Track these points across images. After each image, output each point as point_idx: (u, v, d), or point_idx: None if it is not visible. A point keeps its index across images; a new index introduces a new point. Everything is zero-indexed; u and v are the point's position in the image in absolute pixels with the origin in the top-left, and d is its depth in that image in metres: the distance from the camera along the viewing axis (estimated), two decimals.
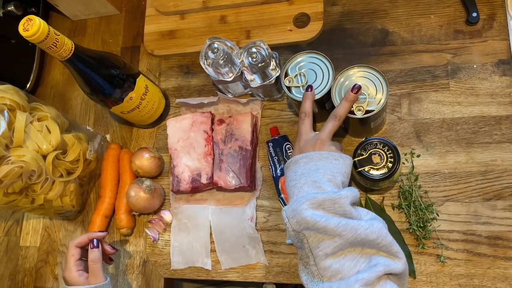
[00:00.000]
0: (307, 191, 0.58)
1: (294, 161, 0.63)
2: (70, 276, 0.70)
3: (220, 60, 0.76)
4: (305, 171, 0.61)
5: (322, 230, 0.55)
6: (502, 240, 0.70)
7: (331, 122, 0.66)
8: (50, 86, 1.04)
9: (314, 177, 0.59)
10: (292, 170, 0.62)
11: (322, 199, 0.56)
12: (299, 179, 0.60)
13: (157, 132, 0.93)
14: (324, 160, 0.61)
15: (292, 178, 0.62)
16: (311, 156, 0.62)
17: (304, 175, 0.60)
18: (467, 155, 0.75)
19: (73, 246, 0.73)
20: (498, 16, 0.79)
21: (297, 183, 0.60)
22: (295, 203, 0.57)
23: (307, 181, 0.59)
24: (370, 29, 0.86)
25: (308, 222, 0.55)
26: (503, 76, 0.77)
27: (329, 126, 0.65)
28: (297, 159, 0.62)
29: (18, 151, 0.73)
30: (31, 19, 0.62)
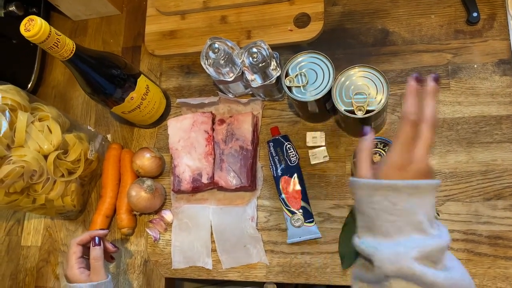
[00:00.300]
0: (410, 234, 0.48)
1: (394, 188, 0.48)
2: (72, 274, 0.71)
3: (220, 60, 0.76)
4: (408, 206, 0.48)
5: (424, 284, 0.46)
6: (503, 240, 0.70)
7: (429, 132, 0.50)
8: (51, 86, 1.04)
9: (418, 217, 0.48)
10: (388, 199, 0.48)
11: (431, 249, 0.47)
12: (400, 215, 0.48)
13: (158, 132, 0.93)
14: (429, 193, 0.49)
15: (386, 210, 0.48)
16: (418, 187, 0.48)
17: (407, 212, 0.48)
18: (467, 154, 0.75)
19: (74, 244, 0.73)
20: (498, 16, 0.80)
21: (398, 221, 0.48)
22: (402, 248, 0.47)
23: (411, 222, 0.48)
24: (370, 29, 0.86)
25: (414, 274, 0.46)
26: (503, 76, 0.77)
27: (427, 142, 0.50)
28: (399, 186, 0.48)
29: (20, 151, 0.73)
30: (33, 19, 0.62)
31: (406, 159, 0.49)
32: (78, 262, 0.72)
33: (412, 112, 0.50)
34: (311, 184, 0.81)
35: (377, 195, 0.49)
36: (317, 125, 0.84)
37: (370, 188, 0.50)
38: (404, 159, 0.49)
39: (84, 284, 0.69)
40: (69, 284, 0.71)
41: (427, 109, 0.50)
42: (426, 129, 0.49)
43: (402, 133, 0.50)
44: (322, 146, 0.82)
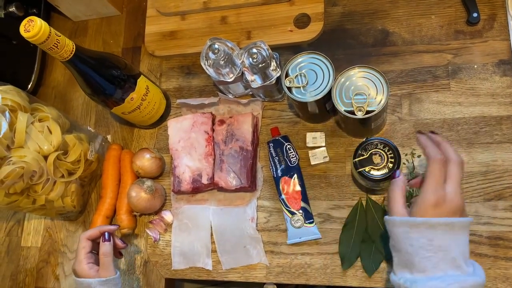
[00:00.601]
0: (445, 269, 0.50)
1: (429, 225, 0.50)
2: (81, 269, 0.70)
3: (220, 61, 0.76)
4: (444, 243, 0.50)
5: None
6: (503, 241, 0.70)
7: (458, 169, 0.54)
8: (51, 87, 1.04)
9: (453, 254, 0.50)
10: (423, 236, 0.51)
11: (469, 285, 0.48)
12: (436, 251, 0.50)
13: (158, 132, 0.93)
14: (463, 231, 0.51)
15: (424, 247, 0.50)
16: (453, 225, 0.51)
17: (443, 249, 0.50)
18: (468, 155, 0.75)
19: (84, 238, 0.72)
20: (498, 17, 0.79)
21: (434, 257, 0.50)
22: (439, 283, 0.49)
23: (446, 258, 0.50)
24: (370, 30, 0.86)
25: None
26: (503, 76, 0.77)
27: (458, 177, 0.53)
28: (433, 223, 0.50)
29: (19, 151, 0.73)
30: (32, 20, 0.62)
31: (440, 197, 0.52)
32: (87, 257, 0.71)
33: (438, 152, 0.54)
34: (311, 184, 0.81)
35: (414, 232, 0.51)
36: (317, 126, 0.83)
37: (407, 225, 0.52)
38: (438, 197, 0.52)
39: (92, 280, 0.69)
40: (78, 279, 0.71)
41: (449, 150, 0.55)
42: (455, 168, 0.53)
43: (432, 173, 0.53)
44: (322, 147, 0.82)
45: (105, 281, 0.69)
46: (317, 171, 0.81)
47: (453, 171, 0.53)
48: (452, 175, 0.53)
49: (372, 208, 0.75)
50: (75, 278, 0.71)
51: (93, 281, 0.69)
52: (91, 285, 0.69)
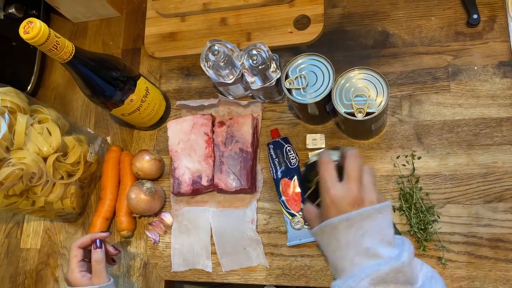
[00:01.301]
0: (361, 263, 0.49)
1: (331, 226, 0.51)
2: (73, 277, 0.70)
3: (220, 62, 0.76)
4: (351, 237, 0.50)
5: None
6: (504, 243, 0.70)
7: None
8: (51, 89, 1.04)
9: (364, 243, 0.49)
10: (332, 238, 0.51)
11: (384, 273, 0.47)
12: (347, 249, 0.50)
13: (157, 134, 0.93)
14: (370, 219, 0.50)
15: (335, 248, 0.51)
16: (352, 218, 0.50)
17: (352, 244, 0.50)
18: (468, 157, 0.75)
19: (75, 247, 0.72)
20: (498, 18, 0.79)
21: (346, 254, 0.50)
22: (352, 280, 0.48)
23: (358, 251, 0.49)
24: (370, 31, 0.85)
25: None
26: (504, 78, 0.77)
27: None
28: (334, 223, 0.51)
29: (19, 153, 0.73)
30: (32, 21, 0.62)
31: (334, 196, 0.52)
32: (79, 266, 0.71)
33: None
34: None
35: (324, 237, 0.52)
36: (317, 127, 0.83)
37: (319, 233, 0.53)
38: (327, 199, 0.52)
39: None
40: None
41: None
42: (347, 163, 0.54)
43: (322, 178, 0.54)
44: (322, 148, 0.81)
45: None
46: None
47: (346, 167, 0.54)
48: (346, 171, 0.53)
49: None
50: (68, 287, 0.71)
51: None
52: None
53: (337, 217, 0.51)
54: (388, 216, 0.52)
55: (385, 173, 0.78)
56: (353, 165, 0.53)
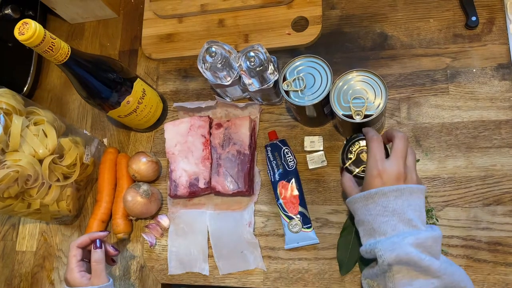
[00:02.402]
0: (404, 229, 0.56)
1: (382, 193, 0.57)
2: (72, 277, 0.69)
3: (218, 64, 0.76)
4: (397, 207, 0.56)
5: (421, 269, 0.54)
6: (502, 246, 0.70)
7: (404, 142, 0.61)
8: (47, 90, 1.04)
9: (408, 214, 0.56)
10: (379, 204, 0.57)
11: (425, 238, 0.54)
12: (392, 215, 0.56)
13: (154, 136, 0.92)
14: (414, 195, 0.58)
15: (379, 213, 0.57)
16: (402, 190, 0.57)
17: (397, 212, 0.56)
18: (466, 160, 0.74)
19: (74, 246, 0.71)
20: (497, 20, 0.79)
21: (390, 220, 0.56)
22: (397, 237, 0.54)
23: (402, 219, 0.56)
24: (369, 33, 0.85)
25: (411, 259, 0.53)
26: (502, 81, 0.76)
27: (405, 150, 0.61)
28: (386, 191, 0.57)
29: (14, 155, 0.73)
30: (27, 22, 0.61)
31: (381, 169, 0.59)
32: (78, 266, 0.70)
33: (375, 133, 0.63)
34: (309, 189, 0.80)
35: (370, 203, 0.58)
36: (315, 130, 0.83)
37: (363, 199, 0.59)
38: (379, 169, 0.59)
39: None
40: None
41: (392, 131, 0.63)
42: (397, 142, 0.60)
43: (371, 150, 0.61)
44: (320, 151, 0.81)
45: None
46: (315, 175, 0.81)
47: (395, 146, 0.60)
48: (394, 149, 0.60)
49: None
50: (66, 287, 0.70)
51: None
52: None
53: (390, 187, 0.57)
54: (424, 198, 0.60)
55: None
56: (401, 145, 0.60)
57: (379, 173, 0.59)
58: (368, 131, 0.64)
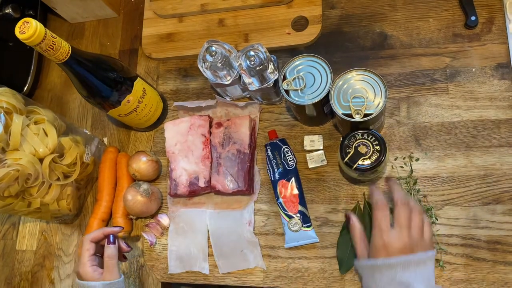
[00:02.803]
0: None
1: (388, 265, 0.57)
2: (84, 271, 0.69)
3: (218, 63, 0.76)
4: (404, 279, 0.56)
5: None
6: (502, 245, 0.70)
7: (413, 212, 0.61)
8: (47, 89, 1.04)
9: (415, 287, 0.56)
10: (386, 275, 0.57)
11: None
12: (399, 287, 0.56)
13: (154, 135, 0.93)
14: (421, 266, 0.57)
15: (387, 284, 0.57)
16: (408, 262, 0.57)
17: (404, 285, 0.56)
18: (466, 159, 0.75)
19: (87, 240, 0.71)
20: (497, 20, 0.79)
21: None
22: None
23: None
24: (368, 33, 0.85)
25: None
26: (502, 80, 0.76)
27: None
28: (392, 264, 0.57)
29: (15, 154, 0.73)
30: (28, 21, 0.61)
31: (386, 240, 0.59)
32: (90, 260, 0.70)
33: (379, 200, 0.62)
34: (309, 188, 0.80)
35: (376, 273, 0.58)
36: (315, 129, 0.83)
37: (370, 268, 0.59)
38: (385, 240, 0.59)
39: (97, 283, 0.67)
40: (81, 282, 0.69)
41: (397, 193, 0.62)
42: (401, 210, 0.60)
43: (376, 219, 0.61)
44: (320, 150, 0.81)
45: (109, 284, 0.67)
46: (314, 174, 0.81)
47: (396, 215, 0.60)
48: (396, 219, 0.60)
49: (369, 212, 0.75)
50: (78, 281, 0.69)
51: (97, 284, 0.67)
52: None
53: (395, 258, 0.57)
54: (433, 265, 0.59)
55: (383, 175, 0.77)
56: (403, 214, 0.60)
57: (385, 245, 0.58)
58: (374, 193, 0.63)
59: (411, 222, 0.60)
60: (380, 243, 0.59)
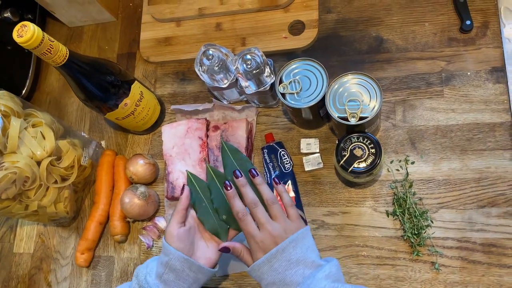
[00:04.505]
0: (312, 273, 0.59)
1: (281, 249, 0.60)
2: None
3: (215, 67, 0.76)
4: (299, 255, 0.60)
5: None
6: (497, 248, 0.70)
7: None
8: (46, 93, 1.04)
9: (309, 258, 0.60)
10: (284, 259, 0.59)
11: (329, 269, 0.59)
12: (297, 265, 0.59)
13: (152, 138, 0.93)
14: (306, 238, 0.62)
15: (286, 268, 0.59)
16: (296, 240, 0.60)
17: (301, 260, 0.59)
18: (461, 162, 0.75)
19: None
20: (491, 24, 0.80)
21: (298, 270, 0.59)
22: (309, 279, 0.58)
23: (307, 264, 0.59)
24: (364, 37, 0.86)
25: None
26: (496, 84, 0.77)
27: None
28: (284, 246, 0.60)
29: (12, 157, 0.73)
30: (25, 25, 0.62)
31: (259, 237, 0.61)
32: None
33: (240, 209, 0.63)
34: (305, 191, 0.81)
35: (274, 262, 0.60)
36: (311, 132, 0.84)
37: (267, 262, 0.60)
38: (259, 242, 0.61)
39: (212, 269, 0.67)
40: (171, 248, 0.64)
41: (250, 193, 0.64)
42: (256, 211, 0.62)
43: (244, 229, 0.63)
44: (316, 153, 0.82)
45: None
46: (311, 177, 0.81)
47: (254, 214, 0.62)
48: (256, 218, 0.62)
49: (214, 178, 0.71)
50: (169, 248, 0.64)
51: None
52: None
53: (284, 241, 0.60)
54: (311, 237, 0.63)
55: (379, 178, 0.78)
56: (259, 211, 0.62)
57: (260, 247, 0.61)
58: (233, 204, 0.64)
59: (273, 215, 0.62)
60: (256, 247, 0.61)
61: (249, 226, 0.62)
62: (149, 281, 0.64)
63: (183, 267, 0.63)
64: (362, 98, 0.69)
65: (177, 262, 0.63)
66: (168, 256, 0.63)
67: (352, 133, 0.70)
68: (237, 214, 0.63)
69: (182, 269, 0.63)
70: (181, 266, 0.63)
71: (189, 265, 0.63)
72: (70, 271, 0.89)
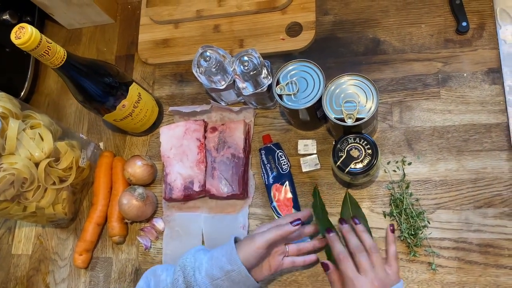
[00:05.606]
0: None
1: None
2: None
3: (212, 68, 0.77)
4: None
5: None
6: (493, 248, 0.70)
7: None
8: (44, 94, 1.04)
9: None
10: None
11: None
12: None
13: (150, 140, 0.93)
14: None
15: None
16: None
17: None
18: (457, 163, 0.75)
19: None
20: (487, 26, 0.80)
21: None
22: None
23: None
24: (361, 38, 0.86)
25: None
26: (492, 85, 0.77)
27: None
28: None
29: (10, 158, 0.73)
30: (23, 27, 0.62)
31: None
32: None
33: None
34: (303, 192, 0.81)
35: None
36: (309, 133, 0.84)
37: None
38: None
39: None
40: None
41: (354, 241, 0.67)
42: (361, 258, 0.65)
43: (344, 272, 0.65)
44: (314, 154, 0.82)
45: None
46: (308, 178, 0.81)
47: (359, 261, 0.65)
48: (359, 264, 0.64)
49: (349, 202, 0.77)
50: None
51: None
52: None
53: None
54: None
55: (376, 179, 0.78)
56: (363, 259, 0.64)
57: None
58: (334, 246, 0.68)
59: (373, 263, 0.65)
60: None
61: (349, 269, 0.65)
62: (197, 278, 0.65)
63: (241, 280, 0.65)
64: (359, 99, 0.69)
65: (239, 276, 0.65)
66: (232, 266, 0.65)
67: (349, 134, 0.70)
68: (338, 255, 0.66)
69: (238, 282, 0.65)
70: (240, 280, 0.65)
71: (246, 280, 0.66)
72: (68, 273, 0.89)
